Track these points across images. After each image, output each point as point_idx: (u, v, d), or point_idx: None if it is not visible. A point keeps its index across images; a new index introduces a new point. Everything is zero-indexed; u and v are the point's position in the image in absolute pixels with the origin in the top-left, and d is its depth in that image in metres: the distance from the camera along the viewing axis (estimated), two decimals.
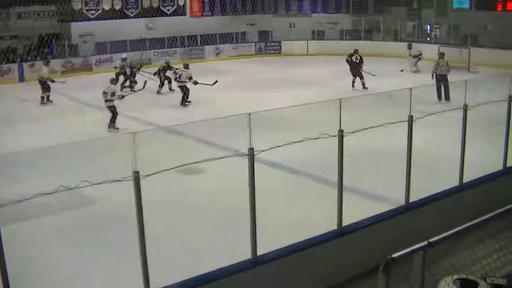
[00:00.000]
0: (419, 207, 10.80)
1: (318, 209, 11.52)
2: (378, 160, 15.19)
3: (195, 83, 24.66)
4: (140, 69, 28.91)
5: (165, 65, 28.66)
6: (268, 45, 42.64)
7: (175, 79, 25.39)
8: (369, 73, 28.14)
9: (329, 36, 44.28)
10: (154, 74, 28.00)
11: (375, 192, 12.89)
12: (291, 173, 14.74)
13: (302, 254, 9.12)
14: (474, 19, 39.78)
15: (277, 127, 14.72)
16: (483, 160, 13.22)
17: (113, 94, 20.58)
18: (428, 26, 44.31)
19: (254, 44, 42.32)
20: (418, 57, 33.92)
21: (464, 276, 6.29)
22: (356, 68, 28.32)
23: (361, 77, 28.11)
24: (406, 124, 10.25)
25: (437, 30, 43.68)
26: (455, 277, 6.25)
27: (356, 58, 28.65)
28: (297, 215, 11.83)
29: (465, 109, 11.38)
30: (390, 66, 33.65)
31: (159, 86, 27.88)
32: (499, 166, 12.70)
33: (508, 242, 6.48)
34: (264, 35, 43.65)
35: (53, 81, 26.08)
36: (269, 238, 9.10)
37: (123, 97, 21.52)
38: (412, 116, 10.21)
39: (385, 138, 13.85)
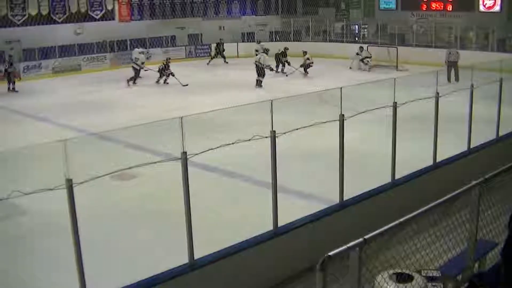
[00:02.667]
0: (353, 204, 10.95)
1: (254, 210, 11.57)
2: (311, 159, 15.32)
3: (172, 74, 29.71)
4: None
5: (283, 50, 34.21)
6: (198, 48, 42.49)
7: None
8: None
9: (259, 38, 44.43)
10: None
11: (310, 191, 12.98)
12: (225, 175, 14.73)
13: (240, 255, 9.13)
14: (401, 19, 40.60)
15: (210, 130, 14.68)
16: (415, 156, 13.48)
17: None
18: (356, 26, 44.93)
19: (184, 47, 42.10)
20: (367, 58, 35.40)
21: (399, 270, 6.38)
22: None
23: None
24: (346, 122, 10.41)
25: (365, 30, 44.35)
26: (391, 271, 6.34)
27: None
28: (233, 217, 11.84)
29: (395, 106, 11.58)
30: (321, 65, 33.97)
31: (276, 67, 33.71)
32: (429, 161, 12.98)
33: (440, 235, 6.61)
34: (194, 39, 43.48)
35: None
36: (206, 241, 9.08)
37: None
38: (343, 115, 10.33)
39: (319, 138, 13.95)
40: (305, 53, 33.71)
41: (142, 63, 31.31)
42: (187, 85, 29.30)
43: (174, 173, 8.51)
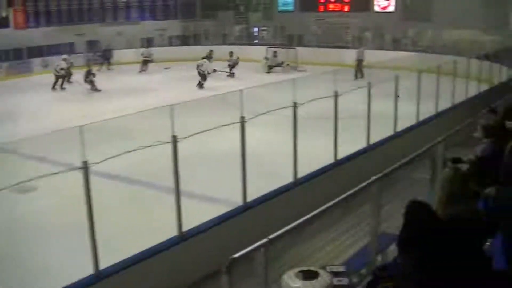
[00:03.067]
0: (256, 206, 11.01)
1: (159, 216, 11.42)
2: (215, 162, 15.29)
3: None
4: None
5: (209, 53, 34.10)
6: (97, 54, 41.67)
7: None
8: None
9: (158, 43, 44.13)
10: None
11: (214, 195, 12.94)
12: (128, 183, 14.50)
13: (146, 263, 9.05)
14: (299, 21, 41.21)
15: (111, 138, 14.45)
16: (317, 154, 13.68)
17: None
18: (255, 29, 45.30)
19: (83, 54, 41.23)
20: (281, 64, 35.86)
21: (305, 268, 6.46)
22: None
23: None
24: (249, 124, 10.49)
25: (264, 32, 44.78)
26: (297, 269, 6.41)
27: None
28: (138, 224, 11.67)
29: (295, 106, 11.73)
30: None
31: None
32: (330, 159, 13.21)
33: (343, 231, 6.75)
34: (92, 45, 42.68)
35: None
36: (112, 250, 8.96)
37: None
38: (243, 117, 10.40)
39: (220, 141, 13.95)
40: (231, 53, 34.21)
41: (61, 69, 31.38)
42: (100, 90, 29.57)
43: (77, 183, 8.34)
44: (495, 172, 7.09)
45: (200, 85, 30.09)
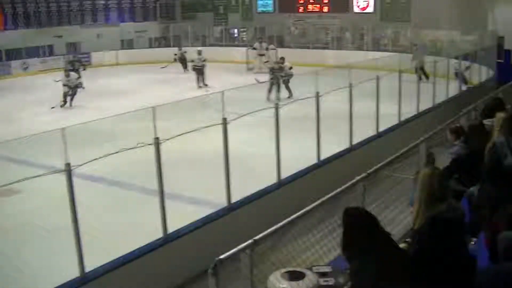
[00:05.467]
0: (241, 207, 11.03)
1: (144, 218, 11.39)
2: (199, 165, 15.26)
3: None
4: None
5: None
6: (77, 57, 41.32)
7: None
8: None
9: (138, 45, 43.97)
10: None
11: (198, 196, 12.92)
12: (112, 185, 14.43)
13: (132, 265, 9.03)
14: (278, 22, 41.28)
15: (93, 141, 14.36)
16: (301, 155, 13.72)
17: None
18: (235, 30, 45.30)
19: (62, 56, 40.82)
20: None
21: (291, 269, 6.49)
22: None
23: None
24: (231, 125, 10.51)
25: (244, 33, 44.80)
26: (283, 270, 6.43)
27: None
28: (123, 227, 11.61)
29: (277, 107, 11.76)
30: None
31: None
32: (314, 160, 13.26)
33: (328, 232, 6.76)
34: (72, 47, 42.33)
35: None
36: (98, 253, 8.94)
37: None
38: (225, 118, 10.41)
39: (203, 143, 13.94)
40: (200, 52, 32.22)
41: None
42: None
43: (60, 185, 8.31)
44: (475, 172, 7.17)
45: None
